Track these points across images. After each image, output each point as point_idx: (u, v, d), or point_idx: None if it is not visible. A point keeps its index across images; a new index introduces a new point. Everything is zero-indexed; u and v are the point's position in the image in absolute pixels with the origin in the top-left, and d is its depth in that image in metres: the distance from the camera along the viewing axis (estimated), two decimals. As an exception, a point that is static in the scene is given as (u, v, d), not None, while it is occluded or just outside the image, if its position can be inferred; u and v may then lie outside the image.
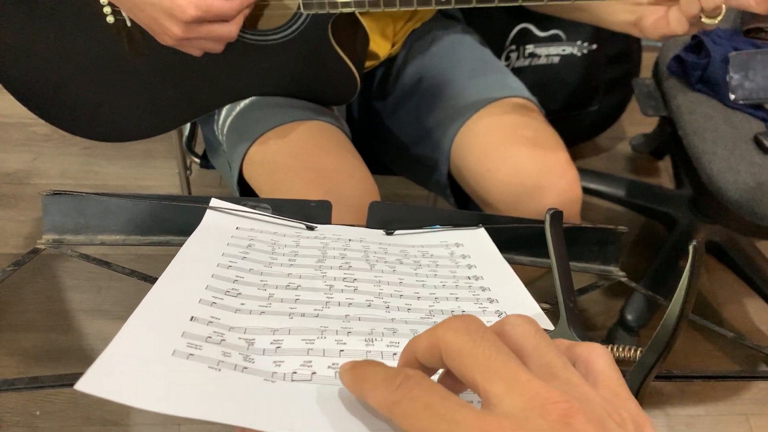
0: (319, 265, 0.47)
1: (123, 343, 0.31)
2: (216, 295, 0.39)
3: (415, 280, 0.48)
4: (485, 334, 0.27)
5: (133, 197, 0.54)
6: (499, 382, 0.25)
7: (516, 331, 0.28)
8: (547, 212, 0.40)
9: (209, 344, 0.33)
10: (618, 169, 1.74)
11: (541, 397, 0.24)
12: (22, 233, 1.46)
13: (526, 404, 0.24)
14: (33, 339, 1.29)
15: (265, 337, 0.36)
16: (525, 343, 0.28)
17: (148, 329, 0.33)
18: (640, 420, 0.26)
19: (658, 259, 1.44)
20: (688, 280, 0.31)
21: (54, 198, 0.53)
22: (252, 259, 0.46)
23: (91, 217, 0.54)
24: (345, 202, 0.76)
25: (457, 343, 0.27)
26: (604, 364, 0.28)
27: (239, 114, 0.87)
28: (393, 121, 1.02)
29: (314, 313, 0.40)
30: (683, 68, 1.12)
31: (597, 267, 0.59)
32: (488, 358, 0.26)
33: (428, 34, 0.99)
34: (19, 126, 1.68)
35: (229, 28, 0.70)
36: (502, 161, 0.85)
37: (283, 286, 0.43)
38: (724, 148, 1.02)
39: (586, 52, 1.40)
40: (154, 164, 1.64)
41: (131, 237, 0.55)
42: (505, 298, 0.46)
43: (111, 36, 0.78)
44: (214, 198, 0.54)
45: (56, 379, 0.34)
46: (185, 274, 0.41)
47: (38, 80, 0.82)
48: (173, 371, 0.30)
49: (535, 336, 0.28)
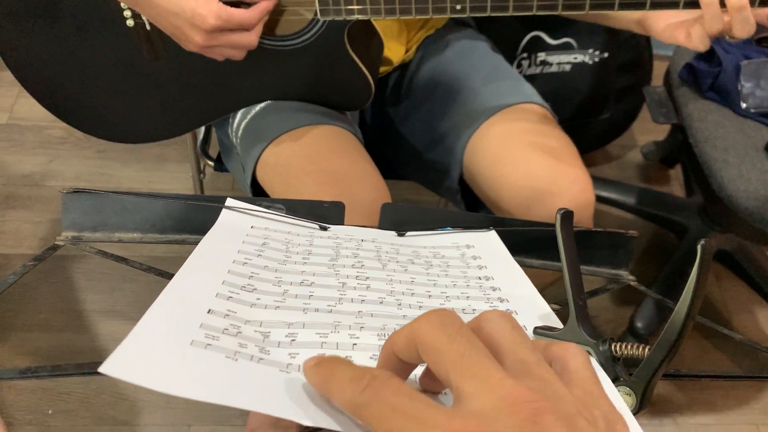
0: (332, 264, 0.48)
1: (144, 331, 0.31)
2: (232, 290, 0.40)
3: (427, 279, 0.48)
4: (460, 329, 0.26)
5: (151, 196, 0.55)
6: (471, 379, 0.25)
7: (492, 327, 0.28)
8: (557, 212, 0.41)
9: (226, 336, 0.34)
10: (629, 177, 1.74)
11: (512, 396, 0.24)
12: (37, 234, 1.48)
13: (496, 403, 0.24)
14: (46, 339, 1.30)
15: (280, 330, 0.37)
16: (500, 339, 0.27)
17: (168, 319, 0.34)
18: (612, 417, 0.26)
19: (668, 267, 1.43)
20: (696, 278, 0.31)
21: (73, 196, 0.54)
22: (267, 257, 0.47)
23: (109, 215, 0.55)
24: (357, 205, 0.77)
25: (432, 338, 0.26)
26: (579, 364, 0.28)
27: (254, 117, 0.88)
28: (406, 127, 1.03)
29: (328, 308, 0.41)
30: (695, 76, 1.13)
31: (607, 271, 0.60)
32: (461, 355, 0.25)
33: (441, 41, 1.00)
34: (36, 129, 1.70)
35: (249, 37, 0.72)
36: (515, 166, 0.86)
37: (297, 282, 0.44)
38: (736, 156, 1.03)
39: (597, 60, 1.41)
40: (168, 168, 1.65)
41: (148, 235, 0.56)
42: (516, 297, 0.46)
43: (130, 39, 0.80)
44: (229, 198, 0.55)
45: (77, 368, 0.35)
46: (202, 270, 0.42)
47: (58, 82, 0.83)
48: (192, 359, 0.31)
49: (511, 332, 0.28)
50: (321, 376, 0.28)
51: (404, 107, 1.02)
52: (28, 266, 0.49)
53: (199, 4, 0.68)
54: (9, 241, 1.47)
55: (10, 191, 1.56)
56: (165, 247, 1.40)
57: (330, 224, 0.57)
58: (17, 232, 1.49)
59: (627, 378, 0.35)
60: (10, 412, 1.19)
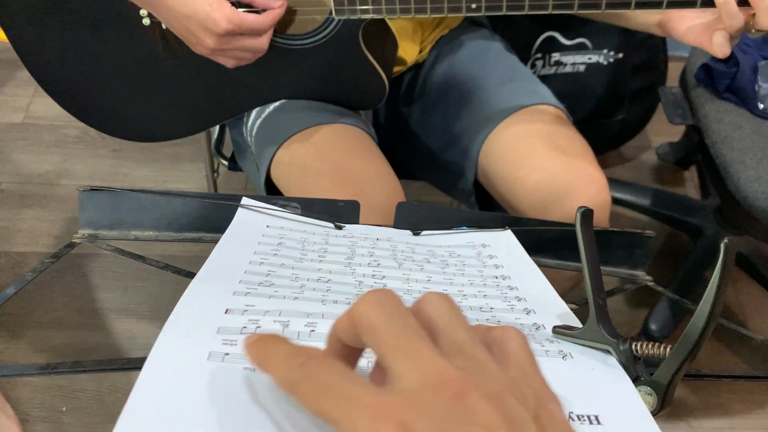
0: (348, 262, 0.48)
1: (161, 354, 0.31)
2: (249, 287, 0.40)
3: (443, 278, 0.48)
4: (398, 309, 0.27)
5: (167, 194, 0.55)
6: (403, 359, 0.25)
7: (430, 308, 0.28)
8: (577, 210, 0.40)
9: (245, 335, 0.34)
10: (643, 179, 1.73)
11: (439, 375, 0.24)
12: (52, 233, 1.49)
13: (423, 382, 0.24)
14: (60, 336, 1.31)
15: (299, 320, 0.36)
16: (437, 320, 0.28)
17: (184, 333, 0.33)
18: (543, 395, 0.26)
19: (683, 269, 1.42)
20: (719, 276, 0.31)
21: (90, 194, 0.54)
22: (283, 255, 0.47)
23: (125, 213, 0.55)
24: (371, 204, 0.77)
25: (370, 318, 0.27)
26: (516, 346, 0.28)
27: (268, 116, 0.88)
28: (420, 127, 1.02)
29: (346, 301, 0.40)
30: (711, 77, 1.12)
31: (624, 271, 0.59)
32: (396, 335, 0.26)
33: (456, 41, 1.00)
34: (51, 128, 1.72)
35: (261, 42, 0.73)
36: (531, 168, 0.85)
37: (314, 279, 0.44)
38: (753, 158, 1.02)
39: (612, 60, 1.40)
40: (182, 167, 1.66)
41: (164, 233, 0.56)
42: (533, 296, 0.46)
43: (146, 38, 0.80)
44: (245, 197, 0.55)
45: (96, 364, 0.35)
46: (219, 273, 0.42)
47: (74, 81, 0.84)
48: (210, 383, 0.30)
49: (448, 313, 0.28)
50: (260, 353, 0.28)
51: (418, 107, 1.02)
52: (46, 263, 0.49)
53: (213, 8, 0.68)
54: (25, 239, 1.48)
55: (25, 190, 1.58)
56: (180, 246, 1.40)
57: (345, 223, 0.57)
58: (33, 230, 1.50)
59: (648, 378, 0.35)
60: (24, 409, 1.19)
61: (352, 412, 0.24)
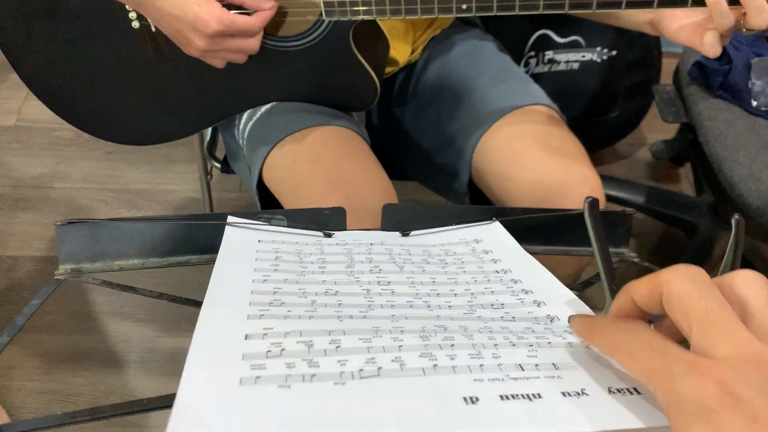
0: (350, 271, 0.48)
1: (190, 387, 0.30)
2: (261, 308, 0.39)
3: (446, 278, 0.48)
4: (711, 288, 0.28)
5: (147, 220, 0.53)
6: (716, 333, 0.26)
7: (746, 287, 0.29)
8: (585, 200, 0.41)
9: (271, 359, 0.33)
10: (638, 176, 1.73)
11: (756, 353, 0.25)
12: (45, 236, 1.49)
13: (741, 357, 0.25)
14: (55, 341, 1.30)
15: (322, 338, 0.36)
16: (753, 301, 0.28)
17: (209, 363, 0.32)
18: None
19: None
20: (732, 252, 0.32)
21: (68, 227, 0.51)
22: (284, 270, 0.47)
23: (106, 243, 0.53)
24: (364, 206, 0.77)
25: (682, 290, 0.28)
26: None
27: (260, 119, 0.88)
28: (413, 128, 1.02)
29: (361, 315, 0.40)
30: (704, 74, 1.11)
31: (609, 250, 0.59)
32: (709, 310, 0.27)
33: (448, 41, 0.99)
34: (44, 131, 1.71)
35: (251, 43, 0.73)
36: (524, 169, 0.85)
37: (322, 292, 0.43)
38: (746, 155, 1.02)
39: (605, 58, 1.40)
40: (176, 169, 1.65)
41: (149, 260, 0.53)
42: (538, 287, 0.46)
43: (136, 41, 0.80)
44: (230, 215, 0.54)
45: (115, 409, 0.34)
46: (225, 298, 0.41)
47: (64, 84, 0.83)
48: (246, 404, 0.29)
49: (764, 294, 0.28)
50: (582, 326, 0.33)
51: (411, 108, 1.02)
52: (32, 306, 0.48)
53: (202, 9, 0.68)
54: (18, 243, 1.47)
55: (18, 193, 1.57)
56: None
57: (333, 230, 0.56)
58: (26, 234, 1.49)
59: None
60: (20, 414, 1.19)
61: (672, 366, 0.25)
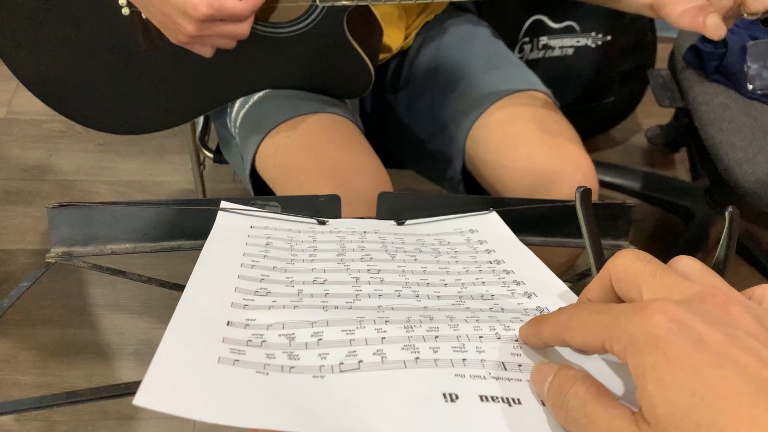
0: (340, 259, 0.47)
1: (167, 354, 0.30)
2: (246, 297, 0.39)
3: (438, 267, 0.47)
4: (653, 259, 0.31)
5: (141, 204, 0.53)
6: (663, 289, 0.29)
7: (681, 263, 0.31)
8: (576, 190, 0.40)
9: (251, 348, 0.33)
10: (633, 162, 1.72)
11: (702, 292, 0.27)
12: (38, 229, 1.47)
13: (687, 297, 0.27)
14: (50, 334, 1.30)
15: (304, 330, 0.35)
16: (691, 272, 0.31)
17: (189, 339, 0.32)
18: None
19: (675, 251, 1.42)
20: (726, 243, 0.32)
21: (60, 210, 0.51)
22: (273, 257, 0.46)
23: (99, 227, 0.52)
24: (358, 195, 0.76)
25: (626, 263, 0.31)
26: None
27: (252, 107, 0.87)
28: (406, 115, 1.01)
29: (347, 305, 0.39)
30: (700, 58, 1.11)
31: (608, 243, 0.59)
32: (654, 273, 0.29)
33: (441, 26, 0.98)
34: (35, 123, 1.69)
35: (241, 27, 0.71)
36: (517, 155, 0.84)
37: (309, 281, 0.43)
38: (742, 139, 1.01)
39: (600, 43, 1.39)
40: (169, 159, 1.64)
41: (141, 244, 0.53)
42: (531, 279, 0.45)
43: (126, 28, 0.78)
44: (223, 201, 0.54)
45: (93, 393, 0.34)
46: (211, 279, 0.40)
47: (53, 74, 0.82)
48: (222, 380, 0.29)
49: (701, 267, 0.31)
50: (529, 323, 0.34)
51: (404, 95, 1.01)
52: (21, 288, 0.48)
53: None
54: (10, 236, 1.46)
55: (10, 186, 1.56)
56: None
57: (327, 218, 0.56)
58: (18, 227, 1.48)
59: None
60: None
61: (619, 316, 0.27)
